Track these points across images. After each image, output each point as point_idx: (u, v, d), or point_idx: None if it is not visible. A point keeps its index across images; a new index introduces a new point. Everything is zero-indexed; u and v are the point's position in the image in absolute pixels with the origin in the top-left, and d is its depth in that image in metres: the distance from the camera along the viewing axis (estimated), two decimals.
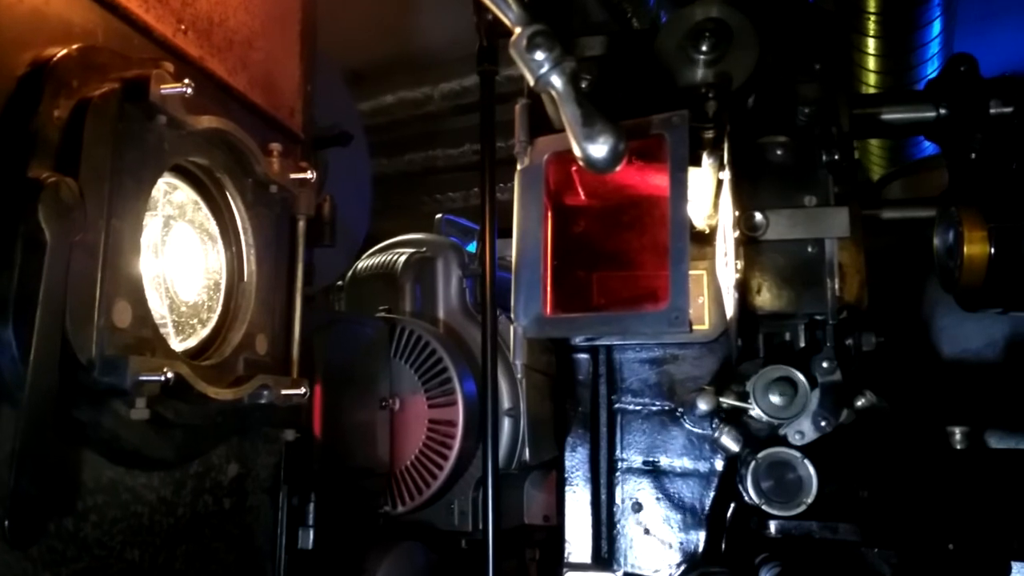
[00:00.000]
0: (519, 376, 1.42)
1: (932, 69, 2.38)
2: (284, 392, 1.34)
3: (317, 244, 1.80)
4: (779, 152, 1.45)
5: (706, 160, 1.49)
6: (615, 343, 1.79)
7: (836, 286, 1.39)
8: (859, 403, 1.51)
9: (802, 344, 1.51)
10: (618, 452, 1.83)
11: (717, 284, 1.74)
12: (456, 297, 1.83)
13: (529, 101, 1.49)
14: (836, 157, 1.42)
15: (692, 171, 1.50)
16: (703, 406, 1.52)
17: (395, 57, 3.36)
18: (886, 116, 1.71)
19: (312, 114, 2.07)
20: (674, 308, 1.25)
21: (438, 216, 2.24)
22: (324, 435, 1.57)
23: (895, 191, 2.39)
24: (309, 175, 1.68)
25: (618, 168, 1.20)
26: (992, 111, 1.70)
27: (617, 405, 1.84)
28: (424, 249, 1.92)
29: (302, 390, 1.42)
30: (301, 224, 1.43)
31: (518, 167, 1.47)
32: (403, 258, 1.90)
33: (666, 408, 1.82)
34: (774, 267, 1.43)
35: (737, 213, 1.40)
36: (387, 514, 1.68)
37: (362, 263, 2.05)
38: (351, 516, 1.58)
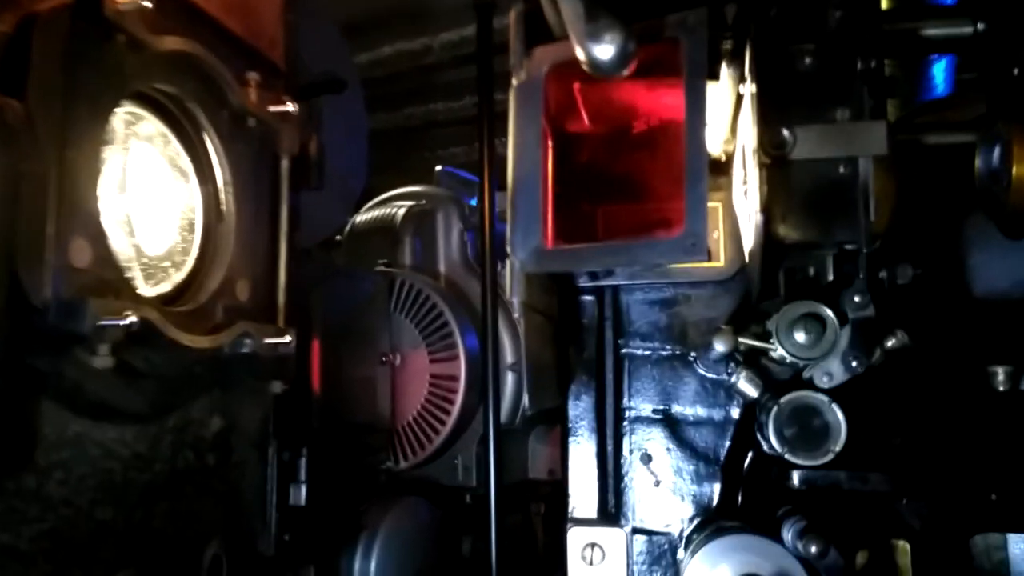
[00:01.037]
0: (516, 315, 1.28)
1: None
2: (268, 341, 1.24)
3: (303, 186, 1.64)
4: (807, 61, 1.28)
5: (725, 73, 1.33)
6: (622, 283, 1.65)
7: (871, 211, 1.24)
8: (890, 343, 1.37)
9: (830, 278, 1.36)
10: (626, 400, 1.70)
11: (734, 217, 1.59)
12: (457, 250, 1.81)
13: (526, 6, 1.32)
14: (872, 64, 1.25)
15: (709, 86, 1.34)
16: (720, 346, 1.38)
17: (392, 6, 3.24)
18: (921, 31, 1.54)
19: (295, 46, 1.93)
20: (690, 234, 1.10)
21: (438, 168, 2.16)
22: (323, 391, 1.56)
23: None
24: (290, 108, 1.56)
25: (627, 71, 1.05)
26: None
27: (625, 350, 1.70)
28: (424, 202, 1.89)
29: (287, 339, 1.35)
30: (284, 163, 1.36)
31: (513, 82, 1.31)
32: (402, 211, 1.87)
33: (677, 353, 1.68)
34: (801, 191, 1.27)
35: (760, 130, 1.25)
36: (389, 470, 1.65)
37: (360, 217, 2.00)
38: (352, 472, 1.55)
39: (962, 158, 1.55)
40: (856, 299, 1.29)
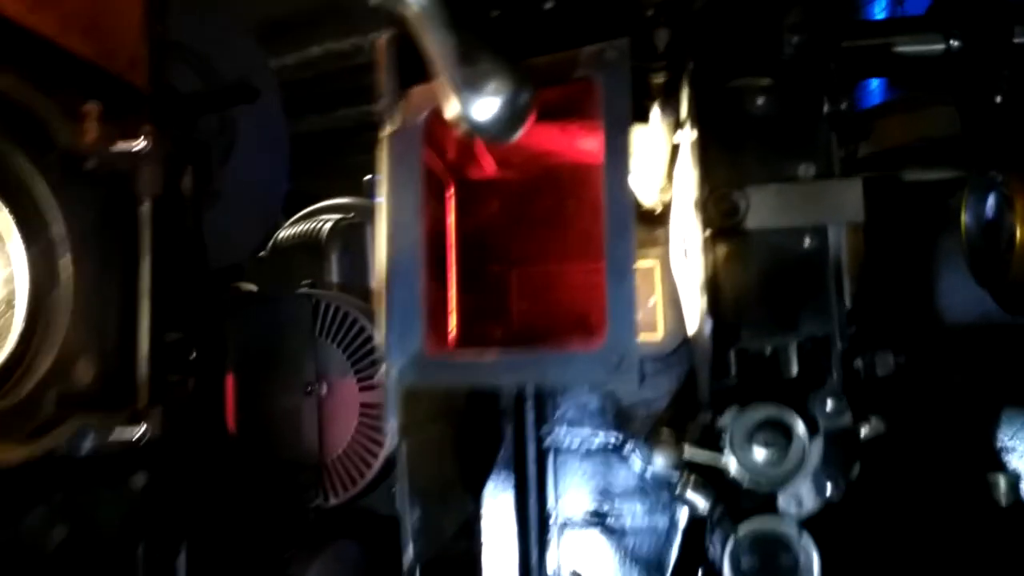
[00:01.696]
0: (395, 442, 0.96)
1: None
2: (118, 434, 1.12)
3: (175, 231, 1.49)
4: (760, 101, 1.00)
5: (657, 114, 1.04)
6: None
7: (847, 295, 0.96)
8: (863, 432, 1.10)
9: (793, 368, 1.08)
10: (551, 502, 1.40)
11: (673, 280, 1.30)
12: None
13: (397, 32, 1.01)
14: (842, 106, 0.97)
15: (638, 129, 1.05)
16: (660, 461, 1.08)
17: (320, 5, 3.16)
18: (892, 48, 1.27)
19: (163, 63, 1.64)
20: (614, 349, 0.81)
21: (367, 178, 1.97)
22: (241, 429, 1.55)
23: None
24: (141, 143, 1.32)
25: (518, 134, 0.75)
26: (1017, 40, 1.27)
27: (549, 440, 1.40)
28: (352, 215, 1.80)
29: (143, 427, 1.18)
30: (145, 207, 1.25)
31: (382, 131, 0.99)
32: (328, 225, 1.78)
33: (612, 443, 1.40)
34: (756, 269, 0.99)
35: (703, 191, 0.96)
36: (319, 507, 1.56)
37: (283, 232, 1.90)
38: (277, 516, 1.49)
39: (941, 199, 1.30)
40: (830, 405, 1.01)
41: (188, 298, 1.59)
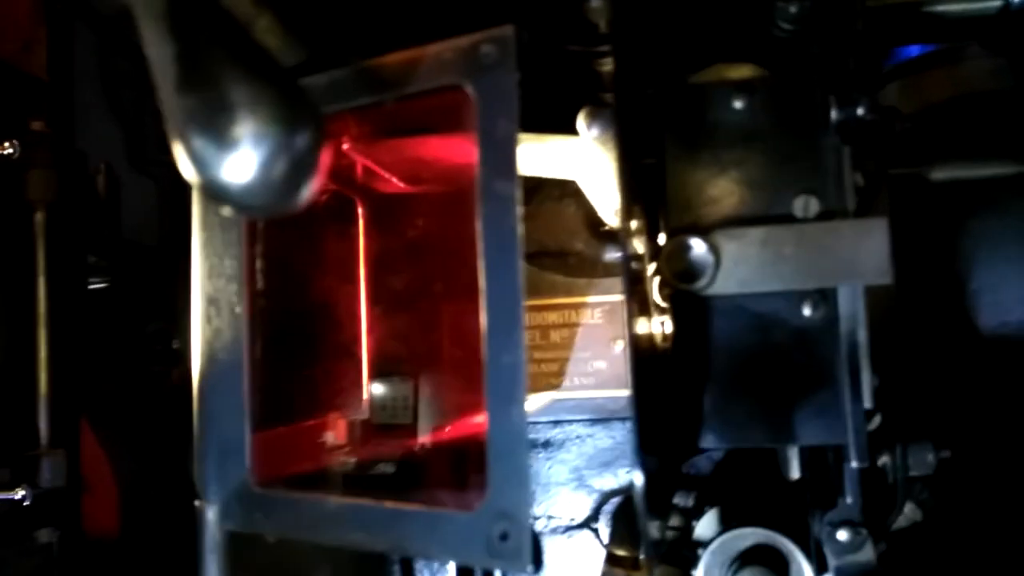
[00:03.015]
0: None
1: None
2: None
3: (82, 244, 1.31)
4: (738, 104, 0.68)
5: (593, 126, 0.73)
6: None
7: (865, 386, 0.65)
8: (895, 522, 0.81)
9: (795, 471, 0.78)
10: None
11: None
12: None
13: None
14: (859, 110, 0.65)
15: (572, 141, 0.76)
16: None
17: None
18: (927, 8, 0.95)
19: (68, 48, 1.39)
20: (497, 510, 0.51)
21: None
22: None
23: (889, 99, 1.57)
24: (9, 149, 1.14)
25: (299, 201, 0.45)
26: None
27: None
28: None
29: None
30: (38, 216, 1.13)
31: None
32: None
33: (573, 521, 1.11)
34: (732, 346, 0.68)
35: (649, 243, 0.65)
36: None
37: None
38: None
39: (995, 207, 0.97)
40: (843, 537, 0.70)
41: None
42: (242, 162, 0.42)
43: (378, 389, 1.04)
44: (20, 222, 1.18)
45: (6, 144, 1.17)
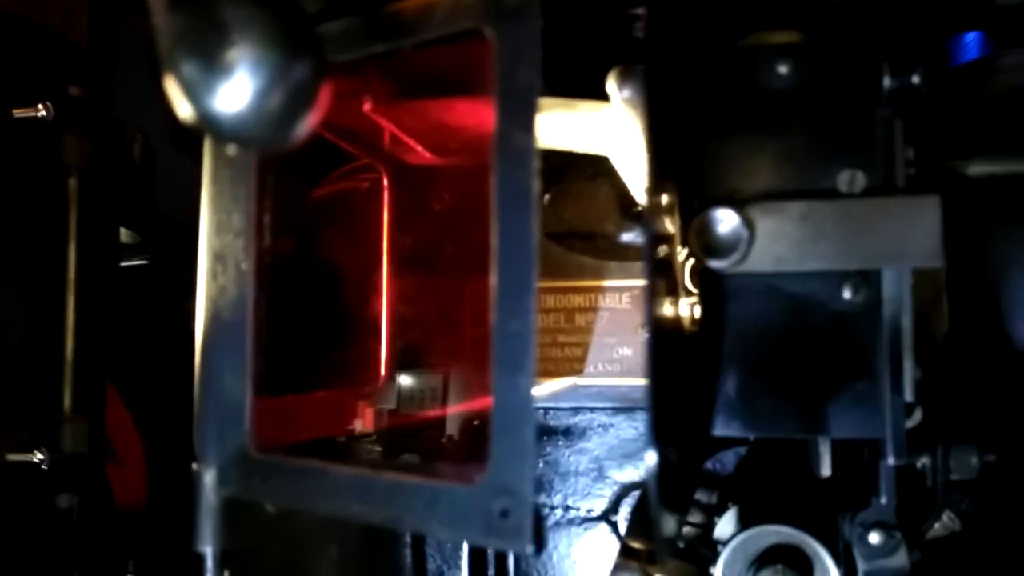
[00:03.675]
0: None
1: None
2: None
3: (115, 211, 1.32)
4: (783, 70, 0.64)
5: (625, 88, 0.68)
6: None
7: (907, 377, 0.61)
8: (932, 531, 0.76)
9: (826, 468, 0.73)
10: None
11: None
12: None
13: None
14: (914, 79, 0.60)
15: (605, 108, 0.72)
16: None
17: None
18: None
19: (112, 17, 1.41)
20: (498, 486, 0.48)
21: None
22: None
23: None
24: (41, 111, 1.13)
25: (294, 136, 0.42)
26: None
27: None
28: None
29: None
30: (72, 182, 1.13)
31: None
32: None
33: (591, 513, 1.07)
34: (764, 330, 0.64)
35: (676, 214, 0.60)
36: None
37: None
38: None
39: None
40: (875, 539, 0.65)
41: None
42: (236, 90, 0.38)
43: (406, 380, 1.02)
44: (54, 186, 1.18)
45: (39, 106, 1.17)
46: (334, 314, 1.00)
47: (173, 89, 0.39)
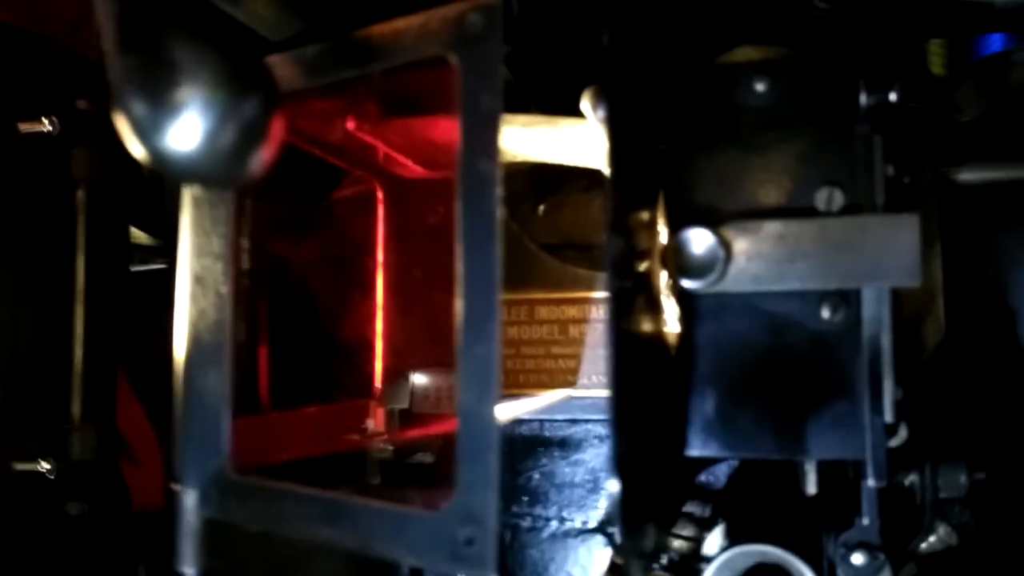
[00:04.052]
0: None
1: None
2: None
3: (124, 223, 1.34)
4: (761, 87, 0.63)
5: (599, 108, 0.68)
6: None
7: (887, 397, 0.60)
8: (923, 545, 0.75)
9: (812, 487, 0.72)
10: None
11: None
12: None
13: None
14: (891, 96, 0.60)
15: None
16: None
17: None
18: None
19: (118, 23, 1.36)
20: (464, 512, 0.48)
21: None
22: None
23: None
24: (47, 125, 1.16)
25: (248, 172, 0.42)
26: None
27: (505, 515, 1.08)
28: None
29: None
30: (80, 194, 1.14)
31: None
32: None
33: (586, 525, 1.06)
34: (742, 349, 0.63)
35: (614, 230, 0.60)
36: None
37: None
38: None
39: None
40: (858, 560, 0.65)
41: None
42: (186, 129, 0.39)
43: (420, 379, 1.02)
44: (63, 198, 1.19)
45: (44, 120, 1.19)
46: (326, 330, 1.00)
47: (124, 128, 0.40)
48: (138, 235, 1.49)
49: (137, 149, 0.39)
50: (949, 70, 1.12)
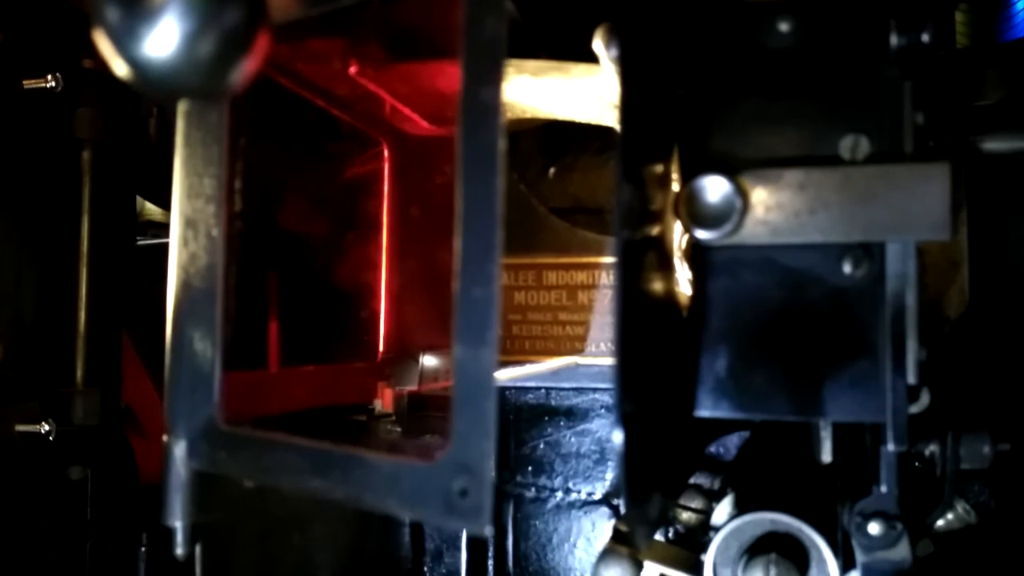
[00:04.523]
0: (184, 551, 0.64)
1: None
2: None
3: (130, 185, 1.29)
4: (784, 27, 0.59)
5: (612, 47, 0.64)
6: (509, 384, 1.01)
7: (910, 357, 0.56)
8: (940, 522, 0.72)
9: (827, 454, 0.68)
10: (510, 566, 1.06)
11: None
12: None
13: None
14: (924, 36, 0.56)
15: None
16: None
17: None
18: None
19: None
20: (457, 464, 0.45)
21: None
22: None
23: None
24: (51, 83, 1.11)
25: (230, 83, 0.39)
26: None
27: (509, 486, 1.06)
28: None
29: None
30: (85, 154, 1.11)
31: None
32: None
33: (592, 496, 1.04)
34: (758, 306, 0.60)
35: (628, 181, 0.56)
36: None
37: None
38: None
39: None
40: (875, 530, 0.62)
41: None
42: (163, 34, 0.36)
43: (431, 360, 1.00)
44: (68, 159, 1.17)
45: (48, 77, 1.16)
46: (332, 288, 0.98)
47: (101, 39, 0.37)
48: (152, 210, 1.46)
49: (114, 59, 0.36)
50: (972, 40, 1.08)
